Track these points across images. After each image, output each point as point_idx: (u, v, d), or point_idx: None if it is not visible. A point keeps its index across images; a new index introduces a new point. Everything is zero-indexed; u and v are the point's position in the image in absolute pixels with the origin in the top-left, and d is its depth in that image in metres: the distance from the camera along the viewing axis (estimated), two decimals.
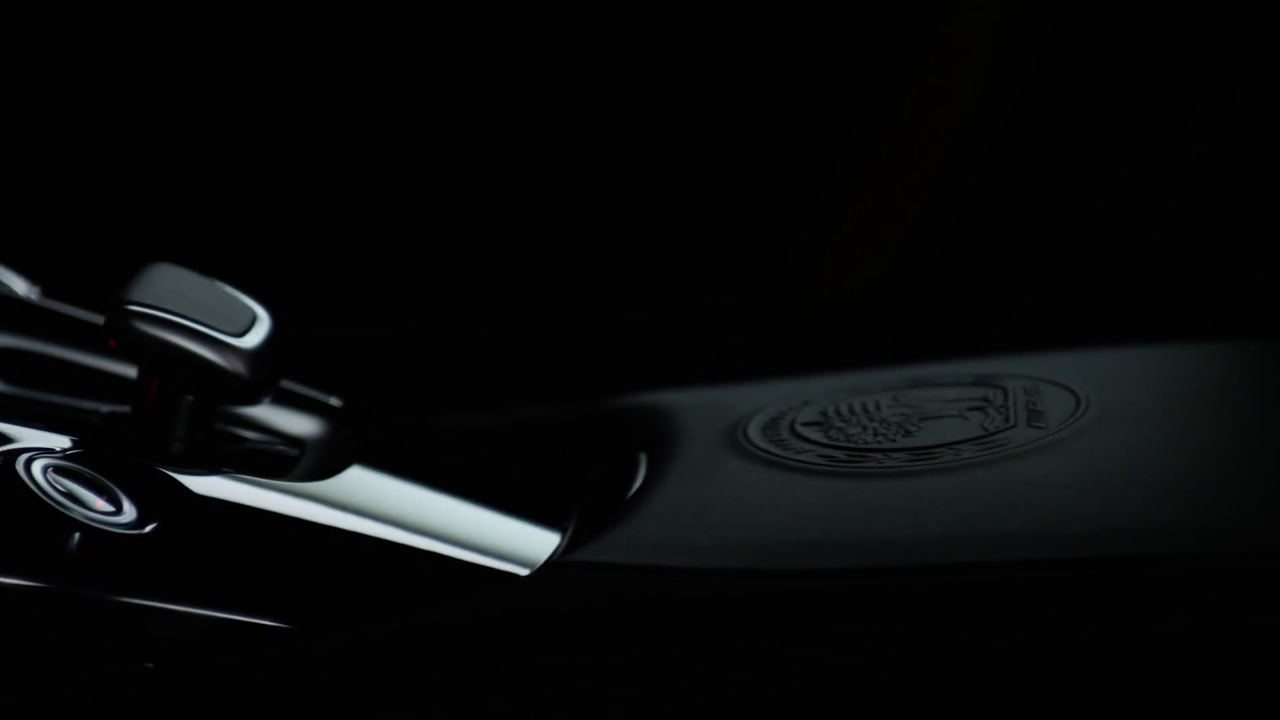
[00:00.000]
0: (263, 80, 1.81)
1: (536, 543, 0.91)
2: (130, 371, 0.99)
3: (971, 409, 0.93)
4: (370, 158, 1.85)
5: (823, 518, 0.85)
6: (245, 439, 0.97)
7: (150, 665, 0.82)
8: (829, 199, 1.87)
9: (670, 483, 0.91)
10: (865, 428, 0.92)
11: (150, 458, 0.88)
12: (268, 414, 0.98)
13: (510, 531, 0.92)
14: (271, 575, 0.84)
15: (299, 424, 0.98)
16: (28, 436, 0.85)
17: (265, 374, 0.92)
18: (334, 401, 0.99)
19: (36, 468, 0.83)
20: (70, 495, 0.83)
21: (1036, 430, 0.90)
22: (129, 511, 0.84)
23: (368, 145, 1.85)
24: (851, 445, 0.91)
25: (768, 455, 0.91)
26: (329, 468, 0.93)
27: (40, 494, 0.82)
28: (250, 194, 1.82)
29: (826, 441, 0.91)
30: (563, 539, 0.92)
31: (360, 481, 0.92)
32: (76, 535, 0.82)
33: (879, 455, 0.89)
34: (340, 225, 1.85)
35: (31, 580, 0.81)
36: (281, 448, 0.96)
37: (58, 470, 0.84)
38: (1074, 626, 0.80)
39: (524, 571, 0.87)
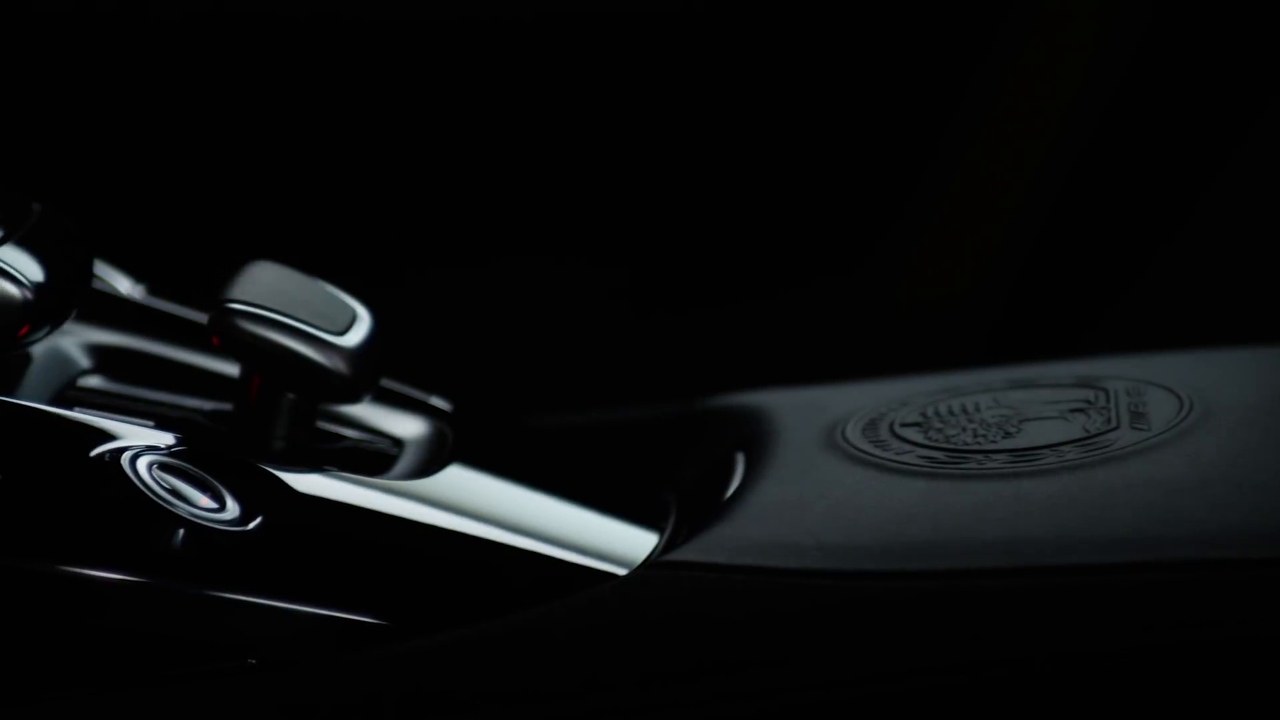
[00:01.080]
0: (361, 79, 1.82)
1: (634, 542, 0.91)
2: (232, 369, 1.00)
3: (1073, 410, 0.92)
4: (466, 161, 1.85)
5: (923, 519, 0.85)
6: (345, 437, 0.97)
7: (252, 661, 0.83)
8: (923, 197, 1.87)
9: (768, 483, 0.91)
10: (965, 429, 0.92)
11: (252, 455, 0.89)
12: (367, 412, 0.99)
13: (608, 531, 0.92)
14: (371, 573, 0.85)
15: (398, 422, 0.99)
16: (133, 434, 0.86)
17: (366, 372, 0.93)
18: (435, 401, 1.00)
19: (142, 464, 0.84)
20: (175, 492, 0.84)
21: (1140, 432, 0.89)
22: (232, 508, 0.84)
23: (467, 150, 1.85)
24: (951, 446, 0.90)
25: (867, 456, 0.91)
26: (428, 466, 0.93)
27: (146, 490, 0.83)
28: (357, 194, 1.83)
29: (926, 442, 0.91)
30: (661, 539, 0.92)
31: (459, 480, 0.92)
32: (181, 532, 0.83)
33: (979, 456, 0.89)
34: (437, 224, 1.86)
35: (136, 576, 0.81)
36: (381, 446, 0.97)
37: (163, 467, 0.84)
38: (1179, 631, 0.80)
39: (622, 571, 0.87)
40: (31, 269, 0.87)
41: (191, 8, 1.80)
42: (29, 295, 0.86)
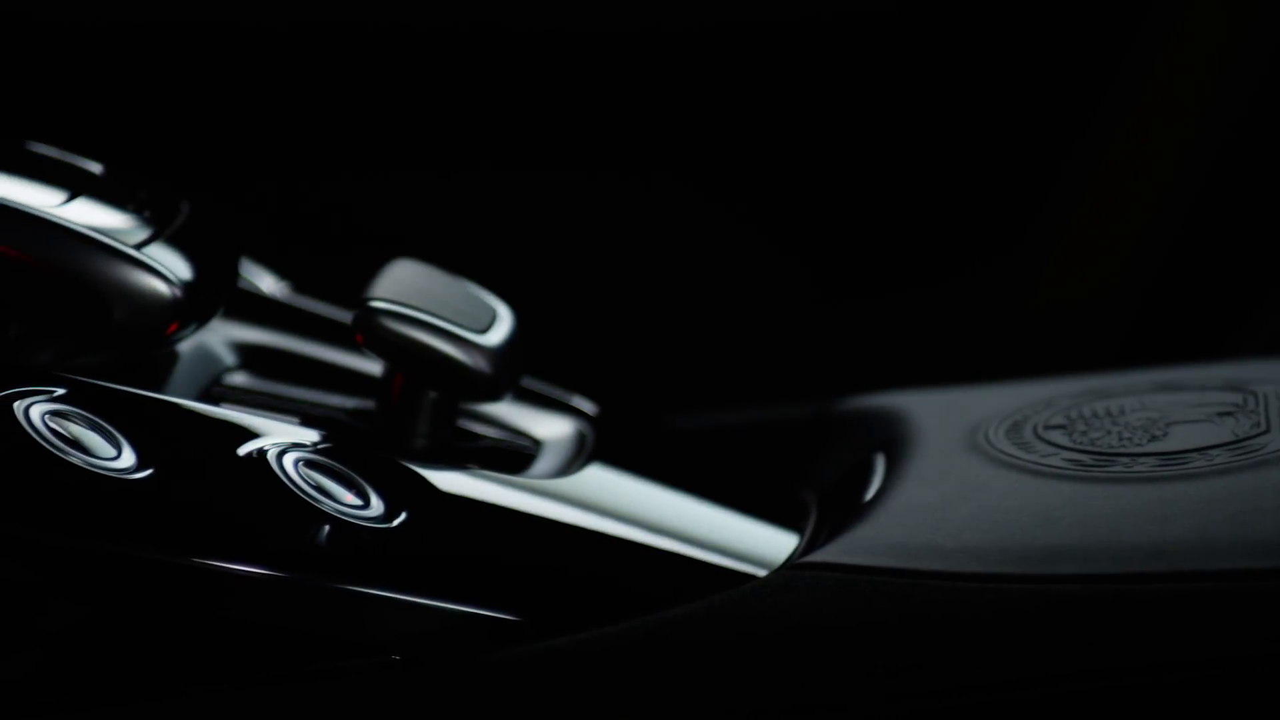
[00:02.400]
0: (512, 82, 1.83)
1: (775, 544, 0.91)
2: (374, 367, 1.00)
3: (1221, 414, 0.91)
4: (611, 159, 1.86)
5: (1069, 523, 0.84)
6: (485, 436, 0.98)
7: (395, 658, 0.83)
8: (1062, 194, 1.85)
9: (910, 485, 0.91)
10: (1110, 431, 0.91)
11: (395, 453, 0.90)
12: (508, 411, 0.99)
13: (748, 532, 0.92)
14: (512, 571, 0.85)
15: (538, 421, 0.99)
16: (279, 430, 0.87)
17: (507, 371, 0.93)
18: (576, 401, 1.00)
19: (288, 461, 0.85)
20: (320, 488, 0.84)
21: None
22: (376, 505, 0.85)
23: (610, 149, 1.86)
24: (1097, 450, 0.90)
25: (1011, 459, 0.90)
26: (568, 466, 0.94)
27: (292, 487, 0.84)
28: (500, 191, 1.84)
29: (1071, 445, 0.90)
30: (801, 540, 0.91)
31: (599, 480, 0.92)
32: (325, 528, 0.84)
33: (1126, 460, 0.88)
34: (580, 223, 1.86)
35: (281, 572, 0.82)
36: (521, 445, 0.97)
37: (308, 464, 0.85)
38: None
39: (763, 572, 0.87)
40: (180, 267, 0.88)
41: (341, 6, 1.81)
42: (178, 293, 0.87)
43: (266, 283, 1.06)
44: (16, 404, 0.81)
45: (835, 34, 1.84)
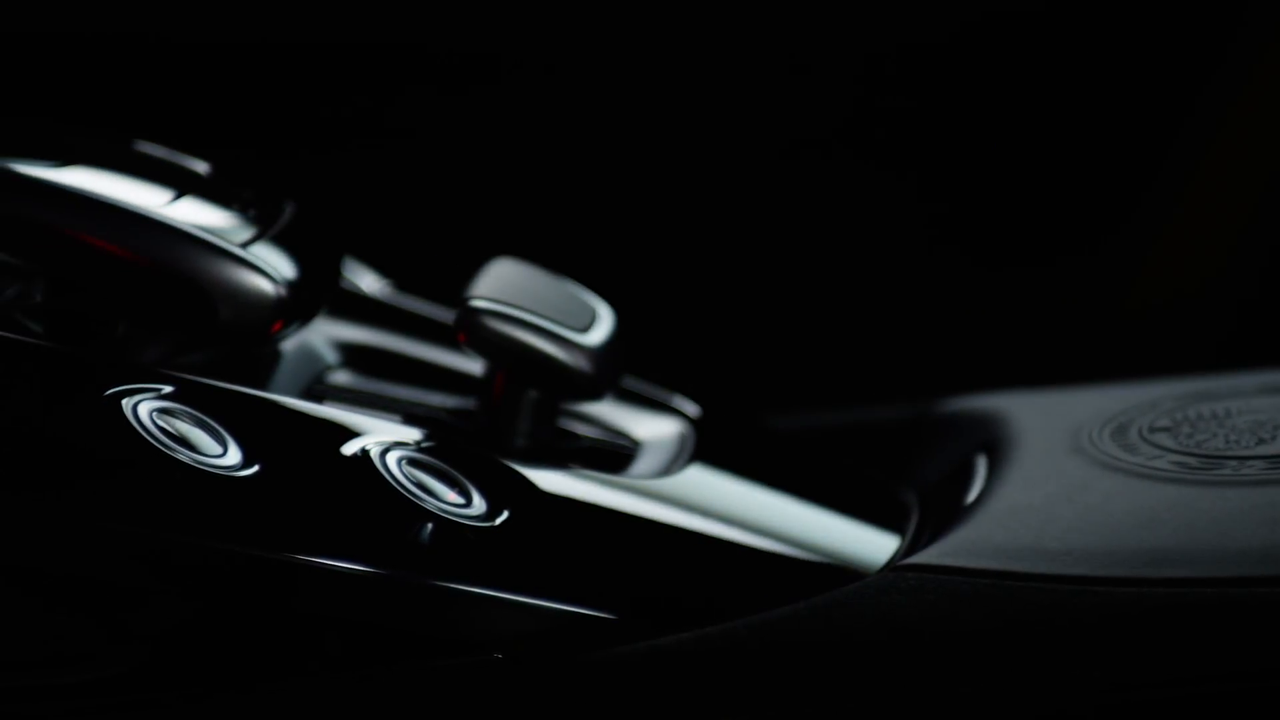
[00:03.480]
0: (618, 81, 1.84)
1: (877, 545, 0.91)
2: (474, 366, 1.01)
3: None
4: (714, 164, 1.86)
5: (1176, 526, 0.83)
6: (586, 435, 0.98)
7: (498, 656, 0.83)
8: (1158, 193, 1.84)
9: (1012, 487, 0.90)
10: (1216, 434, 0.90)
11: (496, 452, 0.90)
12: (607, 410, 0.99)
13: (850, 533, 0.92)
14: (613, 571, 0.85)
15: (638, 421, 0.99)
16: (382, 429, 0.87)
17: (608, 371, 0.93)
18: (677, 401, 1.00)
19: (391, 459, 0.85)
20: (423, 487, 0.85)
21: None
22: (478, 504, 0.85)
23: (706, 153, 1.86)
24: (1204, 452, 0.89)
25: (1116, 461, 0.89)
26: (669, 466, 0.93)
27: (395, 485, 0.84)
28: (599, 191, 1.84)
29: (1178, 448, 0.89)
30: (903, 542, 0.91)
31: (699, 480, 0.92)
32: (429, 526, 0.84)
33: (1233, 463, 0.87)
34: (680, 223, 1.86)
35: (385, 569, 0.82)
36: (621, 445, 0.97)
37: (411, 462, 0.85)
38: None
39: (865, 573, 0.86)
40: (284, 266, 0.89)
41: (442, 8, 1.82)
42: (282, 292, 0.88)
43: (367, 281, 1.07)
44: (125, 401, 0.82)
45: (964, 36, 1.84)
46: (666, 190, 1.86)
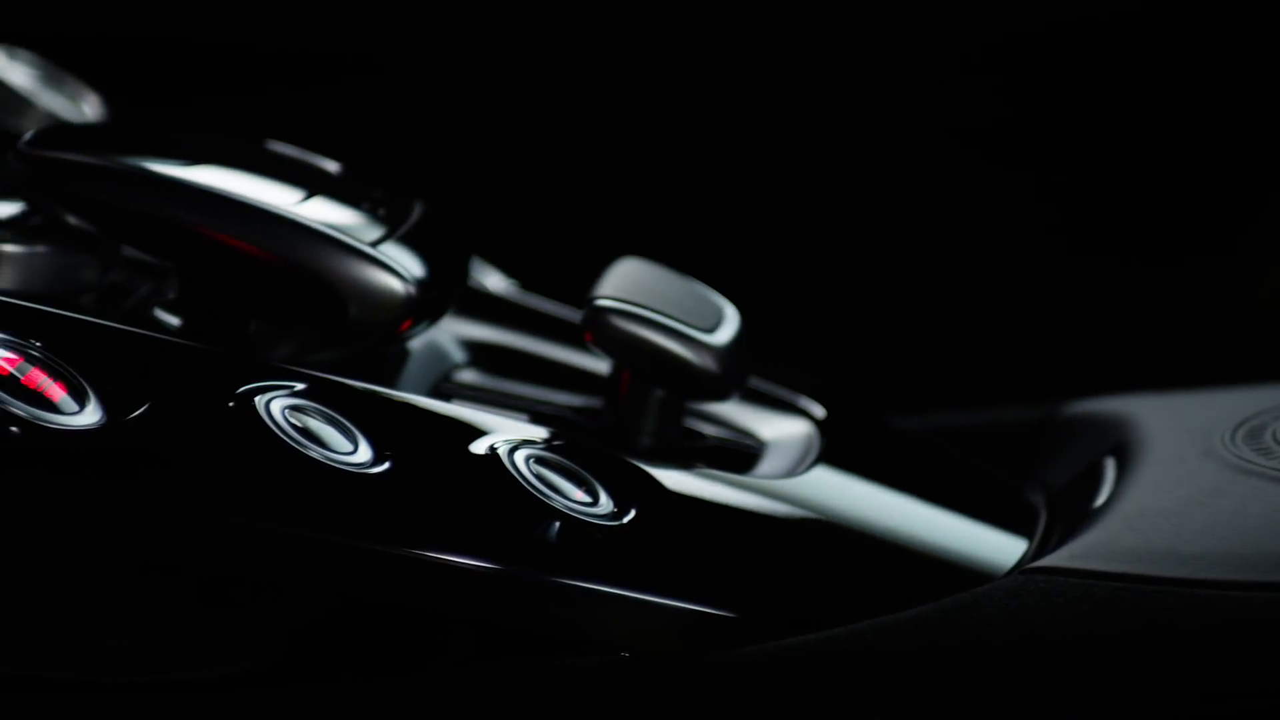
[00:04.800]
0: (742, 74, 1.83)
1: (1005, 547, 0.90)
2: (598, 365, 1.01)
3: None
4: (832, 162, 1.85)
5: None
6: (711, 435, 0.98)
7: (625, 655, 0.83)
8: None
9: (1143, 490, 0.89)
10: None
11: (623, 451, 0.90)
12: (733, 410, 0.99)
13: (978, 535, 0.91)
14: (741, 571, 0.85)
15: (764, 422, 0.99)
16: (509, 427, 0.87)
17: (735, 371, 0.93)
18: (804, 402, 1.00)
19: (519, 458, 0.85)
20: (550, 485, 0.85)
21: None
22: (605, 503, 0.85)
23: (829, 150, 1.85)
24: None
25: (1250, 464, 0.88)
26: (795, 466, 0.93)
27: (524, 483, 0.84)
28: (720, 190, 1.84)
29: None
30: (1031, 544, 0.91)
31: (826, 480, 0.92)
32: (556, 525, 0.84)
33: None
34: (803, 223, 1.86)
35: (513, 567, 0.83)
36: (747, 445, 0.97)
37: (539, 461, 0.86)
38: None
39: (995, 576, 0.86)
40: (414, 265, 0.89)
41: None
42: (411, 290, 0.88)
43: (493, 281, 1.07)
44: (258, 399, 0.83)
45: (1097, 34, 1.83)
46: (794, 190, 1.86)
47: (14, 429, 0.78)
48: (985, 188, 1.86)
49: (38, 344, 0.81)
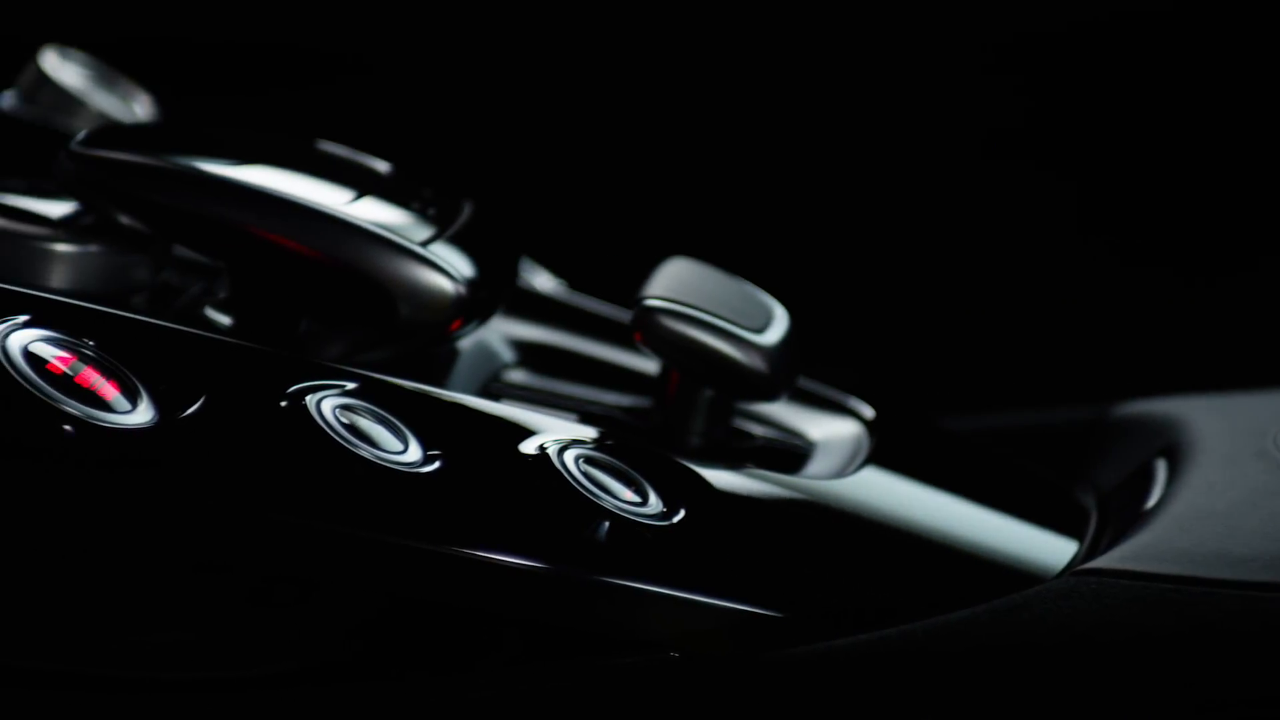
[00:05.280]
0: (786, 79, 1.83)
1: (1055, 549, 0.90)
2: (646, 365, 1.01)
3: None
4: (876, 164, 1.85)
5: None
6: (759, 435, 0.98)
7: (674, 655, 0.83)
8: None
9: (1194, 492, 0.89)
10: None
11: (671, 450, 0.90)
12: (781, 411, 0.99)
13: (1028, 536, 0.91)
14: (791, 571, 0.85)
15: (813, 422, 0.99)
16: (558, 427, 0.87)
17: (784, 371, 0.93)
18: (850, 402, 0.99)
19: (569, 458, 0.85)
20: (600, 485, 0.85)
21: None
22: (654, 503, 0.85)
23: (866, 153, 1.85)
24: None
25: None
26: (844, 466, 0.93)
27: (573, 483, 0.84)
28: (766, 189, 1.84)
29: None
30: (1082, 546, 0.90)
31: (876, 481, 0.92)
32: (606, 524, 0.84)
33: None
34: (850, 223, 1.86)
35: (563, 567, 0.83)
36: (796, 445, 0.97)
37: (588, 460, 0.86)
38: None
39: (1045, 577, 0.86)
40: (463, 265, 0.89)
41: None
42: (461, 290, 0.88)
43: (541, 280, 1.07)
44: (309, 398, 0.83)
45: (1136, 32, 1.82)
46: (841, 189, 1.85)
47: (68, 428, 0.79)
48: (1036, 189, 1.85)
49: (90, 343, 0.82)
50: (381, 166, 0.96)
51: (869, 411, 0.98)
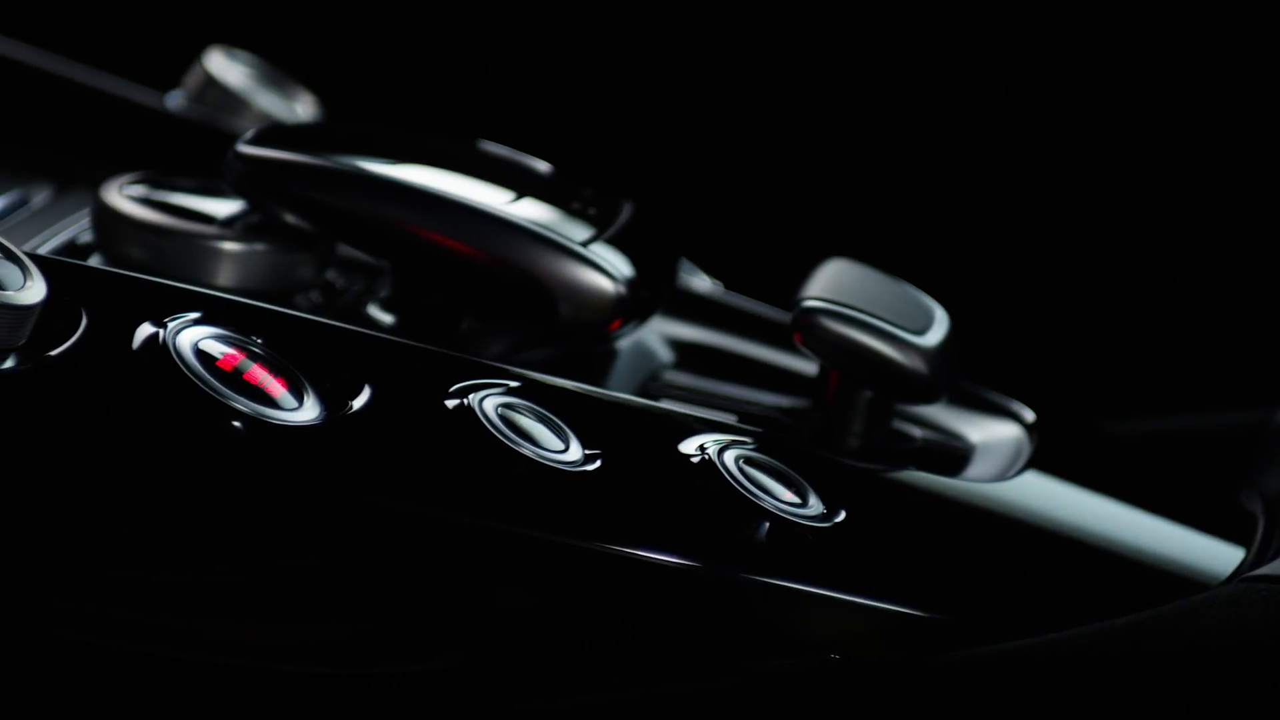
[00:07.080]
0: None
1: (1221, 554, 0.89)
2: (803, 365, 1.01)
3: None
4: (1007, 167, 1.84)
5: None
6: (919, 437, 0.97)
7: (835, 656, 0.83)
8: None
9: None
10: None
11: (831, 452, 0.89)
12: (941, 413, 0.98)
13: (1192, 542, 0.90)
14: (952, 573, 0.85)
15: (972, 424, 0.98)
16: (718, 428, 0.87)
17: (944, 373, 0.92)
18: (1014, 405, 0.99)
19: (729, 458, 0.85)
20: (760, 486, 0.85)
21: None
22: (814, 504, 0.85)
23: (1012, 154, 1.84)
24: None
25: None
26: (1006, 469, 0.92)
27: (734, 484, 0.84)
28: (928, 195, 1.83)
29: None
30: (1249, 552, 0.89)
31: (1038, 485, 0.91)
32: (766, 525, 0.84)
33: None
34: (1004, 223, 1.85)
35: (724, 567, 0.82)
36: (956, 447, 0.96)
37: (748, 461, 0.85)
38: None
39: (1212, 583, 0.85)
40: (623, 265, 0.89)
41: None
42: (621, 291, 0.89)
43: (699, 281, 1.07)
44: (472, 396, 0.83)
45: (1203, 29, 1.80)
46: (1001, 192, 1.84)
47: (237, 424, 0.79)
48: (1188, 190, 1.83)
49: (258, 341, 0.82)
50: (541, 166, 0.97)
51: (1029, 414, 0.97)
